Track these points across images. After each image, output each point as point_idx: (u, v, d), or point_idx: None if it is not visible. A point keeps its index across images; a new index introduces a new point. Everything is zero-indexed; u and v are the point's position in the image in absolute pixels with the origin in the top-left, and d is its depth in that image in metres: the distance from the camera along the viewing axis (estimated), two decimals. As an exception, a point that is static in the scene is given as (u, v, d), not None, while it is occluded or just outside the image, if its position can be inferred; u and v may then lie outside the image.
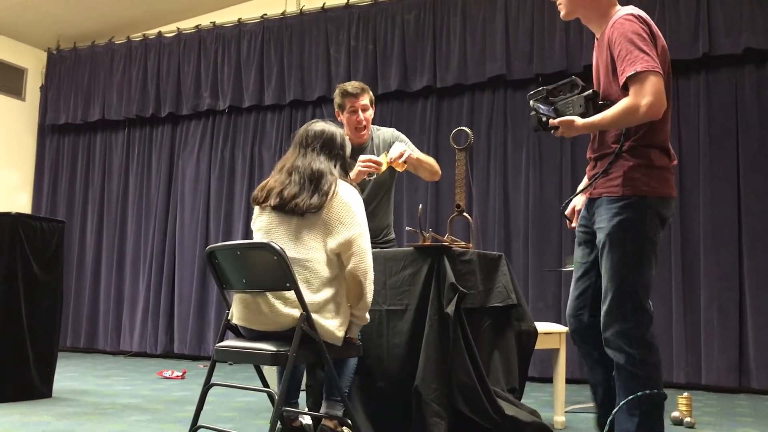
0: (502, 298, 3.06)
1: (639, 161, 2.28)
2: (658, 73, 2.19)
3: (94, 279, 7.34)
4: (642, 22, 2.26)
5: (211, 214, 6.89)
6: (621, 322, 2.28)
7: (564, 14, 2.46)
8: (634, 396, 2.25)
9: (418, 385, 2.69)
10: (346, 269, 2.54)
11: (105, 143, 7.55)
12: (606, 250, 2.31)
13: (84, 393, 4.40)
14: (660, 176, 2.30)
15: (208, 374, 2.59)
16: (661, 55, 2.28)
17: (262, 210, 2.65)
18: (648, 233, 2.28)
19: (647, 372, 2.25)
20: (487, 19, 5.86)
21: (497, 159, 5.84)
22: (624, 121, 2.23)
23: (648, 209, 2.27)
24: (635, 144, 2.29)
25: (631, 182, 2.27)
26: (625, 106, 2.20)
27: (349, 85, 3.51)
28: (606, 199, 2.32)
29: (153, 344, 6.89)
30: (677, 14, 5.26)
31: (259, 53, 6.76)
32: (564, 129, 2.30)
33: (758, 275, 4.95)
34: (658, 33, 2.32)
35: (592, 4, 2.40)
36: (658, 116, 2.21)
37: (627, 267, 2.28)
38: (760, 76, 5.13)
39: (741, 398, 4.71)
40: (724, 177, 5.13)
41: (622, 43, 2.22)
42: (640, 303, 2.29)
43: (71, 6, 7.09)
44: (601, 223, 2.33)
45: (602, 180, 2.34)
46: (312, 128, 2.74)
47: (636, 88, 2.18)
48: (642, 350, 2.26)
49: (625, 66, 2.21)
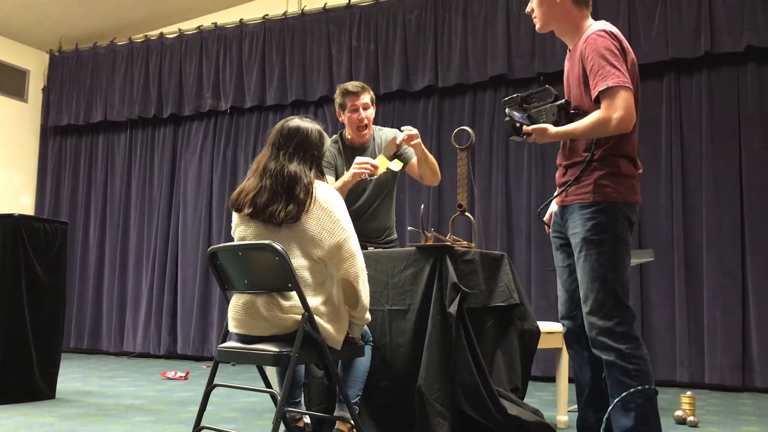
0: (504, 297, 3.06)
1: (608, 170, 2.40)
2: (629, 88, 2.30)
3: (97, 280, 7.35)
4: (614, 38, 2.37)
5: (214, 214, 6.90)
6: (605, 320, 2.36)
7: (539, 27, 2.58)
8: (627, 392, 2.30)
9: (421, 385, 2.69)
10: (338, 274, 2.50)
11: (107, 144, 7.56)
12: (583, 253, 2.40)
13: (87, 394, 4.41)
14: (628, 184, 2.42)
15: (210, 375, 2.59)
16: (630, 68, 2.38)
17: (240, 218, 2.58)
18: (621, 235, 2.39)
19: (638, 365, 2.32)
20: (489, 18, 5.86)
21: (499, 158, 5.83)
22: (595, 133, 2.34)
23: (618, 213, 2.39)
24: (605, 153, 2.41)
25: (601, 189, 2.39)
26: (598, 118, 2.31)
27: (350, 84, 3.51)
28: (578, 205, 2.43)
29: (156, 345, 6.90)
30: (679, 13, 5.25)
31: (261, 54, 6.76)
32: (537, 136, 2.40)
33: (761, 273, 4.95)
34: (629, 48, 2.43)
35: (565, 17, 2.51)
36: (628, 129, 2.32)
37: (605, 266, 2.37)
38: (762, 74, 5.12)
39: (744, 397, 4.70)
40: (727, 175, 5.12)
41: (595, 58, 2.33)
42: (621, 300, 2.37)
43: (73, 7, 7.10)
44: (575, 229, 2.44)
45: (573, 188, 2.45)
46: (287, 126, 2.64)
47: (607, 102, 2.30)
48: (630, 344, 2.33)
49: (597, 80, 2.32)
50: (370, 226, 3.46)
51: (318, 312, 2.44)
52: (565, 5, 2.49)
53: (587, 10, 2.52)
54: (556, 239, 2.63)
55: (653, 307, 5.23)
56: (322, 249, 2.46)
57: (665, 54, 5.28)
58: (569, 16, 2.49)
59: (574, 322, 2.55)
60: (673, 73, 5.37)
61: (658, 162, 5.33)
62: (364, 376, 2.75)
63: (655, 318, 5.21)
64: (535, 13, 2.56)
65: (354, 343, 2.60)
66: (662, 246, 5.17)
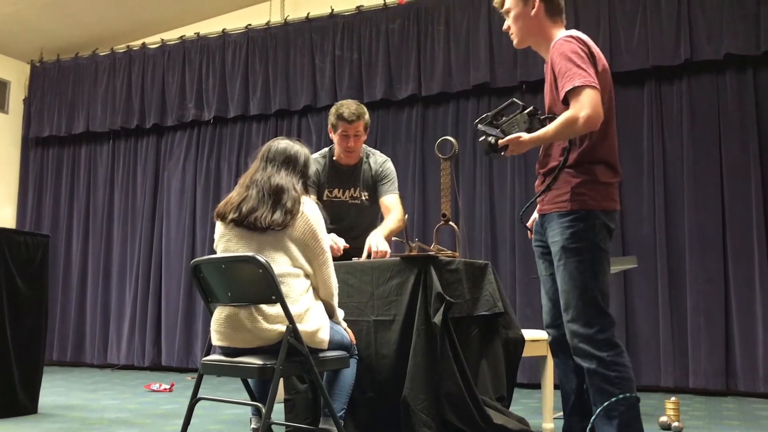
0: (489, 306, 3.07)
1: (585, 177, 2.41)
2: (595, 88, 2.31)
3: (80, 292, 7.28)
4: (581, 42, 2.40)
5: (198, 224, 6.86)
6: (586, 328, 2.37)
7: (516, 43, 2.62)
8: (610, 401, 2.30)
9: (407, 395, 2.68)
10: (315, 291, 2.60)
11: (90, 155, 7.51)
12: (562, 261, 2.42)
13: (70, 408, 4.36)
14: (605, 191, 2.43)
15: (194, 388, 2.57)
16: (602, 73, 2.41)
17: (224, 227, 2.60)
18: (599, 242, 2.40)
19: (620, 372, 2.33)
20: (471, 27, 5.89)
21: (483, 167, 5.85)
22: (566, 133, 2.34)
23: (596, 221, 2.40)
24: (581, 159, 2.42)
25: (578, 197, 2.40)
26: (566, 118, 2.31)
27: (346, 110, 3.44)
28: (556, 214, 2.44)
29: (140, 357, 6.84)
30: (659, 21, 5.31)
31: (244, 63, 6.75)
32: (513, 146, 2.42)
33: (743, 278, 4.99)
34: (599, 55, 2.46)
35: (539, 31, 2.55)
36: (596, 127, 2.32)
37: (585, 274, 2.38)
38: (741, 81, 5.19)
39: (728, 401, 4.73)
40: (708, 181, 5.17)
41: (561, 61, 2.37)
42: (602, 308, 2.38)
43: (54, 18, 7.06)
44: (554, 237, 2.45)
45: (551, 196, 2.46)
46: (275, 145, 2.69)
47: (574, 102, 2.31)
48: (611, 352, 2.34)
49: (564, 82, 2.34)
50: (355, 243, 3.46)
51: (306, 314, 2.47)
52: (539, 18, 2.53)
53: (561, 22, 2.57)
54: (537, 248, 2.65)
55: (637, 313, 5.26)
56: (304, 263, 2.53)
57: (646, 62, 5.33)
58: (544, 30, 2.54)
59: (559, 331, 2.55)
60: (654, 81, 5.42)
61: (640, 168, 5.37)
62: (350, 388, 2.75)
63: (639, 324, 5.24)
64: (511, 29, 2.60)
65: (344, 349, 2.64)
66: (645, 253, 5.20)
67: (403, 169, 5.78)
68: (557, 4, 2.56)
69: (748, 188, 5.05)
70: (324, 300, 2.63)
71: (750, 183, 5.05)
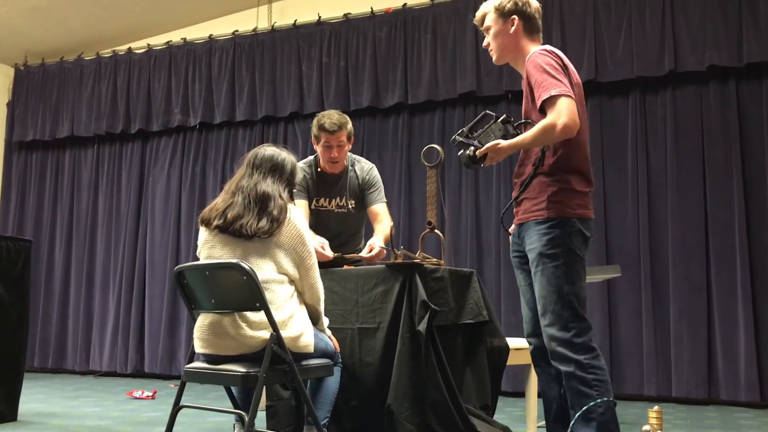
0: (473, 314, 3.07)
1: (561, 186, 2.48)
2: (571, 97, 2.39)
3: (62, 298, 7.21)
4: (554, 55, 2.49)
5: (182, 231, 6.83)
6: (564, 331, 2.42)
7: (495, 59, 2.72)
8: (588, 406, 2.36)
9: (391, 403, 2.68)
10: (301, 297, 2.59)
11: (74, 160, 7.45)
12: (540, 267, 2.48)
13: (51, 416, 4.31)
14: (580, 200, 2.51)
15: (177, 396, 2.56)
16: (575, 87, 2.48)
17: (208, 233, 2.58)
18: (575, 249, 2.47)
19: (597, 375, 2.39)
20: (458, 36, 5.92)
21: (468, 175, 5.87)
22: (543, 139, 2.42)
23: (572, 228, 2.46)
24: (556, 169, 2.49)
25: (555, 205, 2.47)
26: (544, 125, 2.39)
27: (327, 120, 3.43)
28: (534, 222, 2.51)
29: (123, 363, 6.78)
30: (644, 32, 5.36)
31: (231, 69, 6.74)
32: (492, 154, 2.49)
33: (725, 287, 5.03)
34: (572, 68, 2.55)
35: (517, 48, 2.65)
36: (572, 134, 2.39)
37: (561, 279, 2.44)
38: (723, 92, 5.24)
39: (710, 410, 4.76)
40: (691, 190, 5.21)
41: (536, 73, 2.46)
42: (578, 312, 2.44)
43: (39, 21, 7.02)
44: (531, 245, 2.51)
45: (528, 206, 2.53)
46: (262, 152, 2.68)
47: (551, 110, 2.39)
48: (588, 355, 2.40)
49: (540, 92, 2.42)
50: (340, 250, 3.46)
51: (290, 321, 2.46)
52: (517, 36, 2.63)
53: (538, 40, 2.67)
54: (515, 259, 2.71)
55: (621, 321, 5.28)
56: (292, 270, 2.53)
57: (631, 72, 5.37)
58: (522, 47, 2.63)
59: (540, 340, 2.58)
60: (639, 91, 5.47)
61: (625, 177, 5.41)
62: (333, 396, 2.74)
63: (622, 332, 5.27)
64: (491, 46, 2.69)
65: (328, 356, 2.63)
66: (629, 261, 5.23)
67: (389, 177, 5.79)
68: (535, 22, 2.66)
69: (731, 198, 5.10)
70: (310, 305, 2.63)
71: (732, 193, 5.09)
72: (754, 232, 5.04)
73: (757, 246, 5.02)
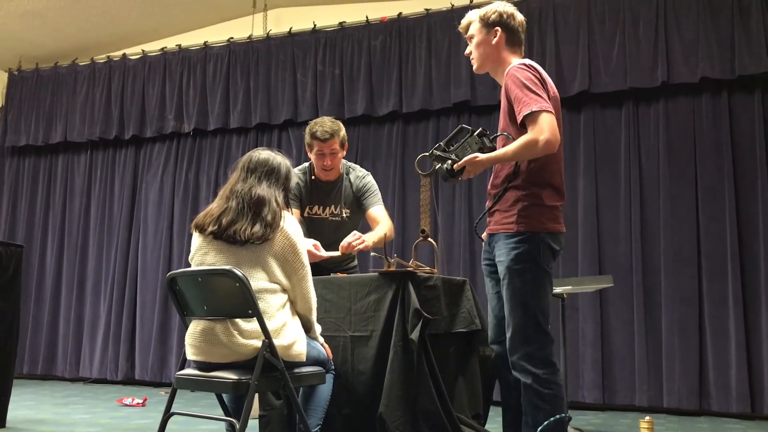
0: (466, 323, 3.07)
1: (532, 200, 2.53)
2: (551, 112, 2.43)
3: (53, 304, 7.17)
4: (533, 70, 2.53)
5: (175, 237, 6.80)
6: (525, 345, 2.48)
7: (476, 68, 2.78)
8: (543, 426, 2.42)
9: (383, 411, 2.67)
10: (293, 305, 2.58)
11: (67, 165, 7.43)
12: (507, 281, 2.53)
13: (40, 422, 4.27)
14: (550, 214, 2.55)
15: (168, 403, 2.54)
16: (552, 99, 2.52)
17: (202, 240, 2.55)
18: (542, 264, 2.52)
19: (552, 390, 2.46)
20: (452, 45, 5.94)
21: (462, 184, 5.87)
22: (525, 154, 2.46)
23: (541, 243, 2.51)
24: (527, 182, 2.53)
25: (525, 219, 2.52)
26: (526, 141, 2.42)
27: (319, 128, 3.43)
28: (503, 234, 2.56)
29: (114, 370, 6.74)
30: (637, 44, 5.39)
31: (225, 76, 6.74)
32: (470, 167, 2.53)
33: (717, 298, 5.04)
34: (550, 82, 2.58)
35: (498, 59, 2.70)
36: (554, 150, 2.44)
37: (526, 294, 2.49)
38: (716, 104, 5.27)
39: (702, 421, 4.76)
40: (684, 201, 5.23)
41: (515, 89, 2.50)
42: (541, 327, 2.49)
43: (34, 26, 7.01)
44: (500, 257, 2.56)
45: (499, 217, 2.58)
46: (256, 155, 2.65)
47: (533, 126, 2.43)
48: (546, 370, 2.47)
49: (521, 107, 2.45)
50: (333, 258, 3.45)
51: (283, 329, 2.45)
52: (499, 47, 2.68)
53: (520, 52, 2.71)
54: (486, 266, 2.75)
55: (613, 332, 5.29)
56: (283, 279, 2.51)
57: (624, 83, 5.40)
58: (503, 59, 2.69)
59: (502, 347, 2.65)
60: (632, 102, 5.49)
61: (617, 188, 5.43)
62: (325, 404, 2.72)
63: (614, 343, 5.27)
64: (473, 54, 2.74)
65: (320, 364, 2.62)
66: (621, 272, 5.24)
67: (383, 185, 5.76)
68: (518, 36, 2.71)
69: (723, 209, 5.12)
70: (302, 314, 2.61)
71: (724, 204, 5.12)
72: (745, 243, 5.06)
73: (749, 257, 5.04)
